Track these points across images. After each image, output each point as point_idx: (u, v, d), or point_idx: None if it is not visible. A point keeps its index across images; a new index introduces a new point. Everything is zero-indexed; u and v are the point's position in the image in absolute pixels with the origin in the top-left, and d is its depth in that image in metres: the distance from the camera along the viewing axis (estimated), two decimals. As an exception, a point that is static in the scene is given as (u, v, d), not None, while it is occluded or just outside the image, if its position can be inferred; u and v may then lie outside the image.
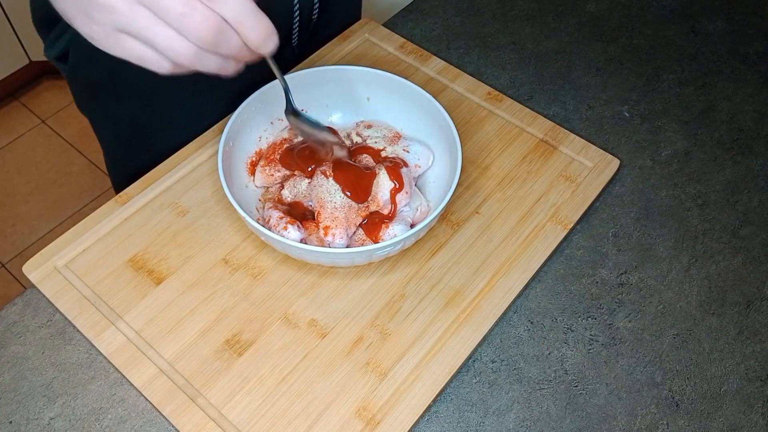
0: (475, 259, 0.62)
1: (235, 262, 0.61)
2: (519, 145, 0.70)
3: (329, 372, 0.55)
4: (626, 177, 0.71)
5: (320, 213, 0.59)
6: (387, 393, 0.54)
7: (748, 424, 0.56)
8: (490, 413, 0.55)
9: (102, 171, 1.82)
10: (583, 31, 0.85)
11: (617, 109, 0.77)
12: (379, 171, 0.61)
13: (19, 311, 0.59)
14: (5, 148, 1.87)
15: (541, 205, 0.66)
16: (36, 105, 1.97)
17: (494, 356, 0.58)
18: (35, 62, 1.91)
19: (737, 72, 0.81)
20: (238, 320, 0.57)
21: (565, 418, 0.56)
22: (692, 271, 0.64)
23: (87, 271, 0.60)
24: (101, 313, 0.57)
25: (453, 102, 0.73)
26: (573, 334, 0.60)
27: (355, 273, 0.61)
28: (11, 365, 0.56)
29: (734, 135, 0.75)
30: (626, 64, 0.81)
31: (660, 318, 0.61)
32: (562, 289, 0.63)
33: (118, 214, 0.63)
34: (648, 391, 0.57)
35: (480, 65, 0.80)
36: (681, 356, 0.59)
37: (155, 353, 0.55)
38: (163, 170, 0.66)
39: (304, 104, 0.68)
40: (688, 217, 0.68)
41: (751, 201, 0.70)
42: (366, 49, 0.78)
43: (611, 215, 0.68)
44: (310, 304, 0.59)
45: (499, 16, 0.86)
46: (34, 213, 1.75)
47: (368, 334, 0.57)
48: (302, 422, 0.53)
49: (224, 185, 0.57)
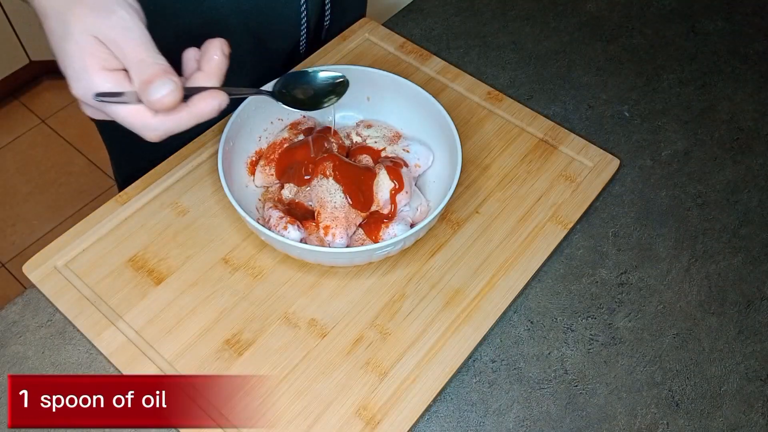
0: (475, 258, 0.62)
1: (235, 262, 0.61)
2: (519, 144, 0.70)
3: (329, 372, 0.55)
4: (626, 177, 0.71)
5: (320, 213, 0.59)
6: (387, 393, 0.54)
7: (748, 423, 0.56)
8: (490, 413, 0.55)
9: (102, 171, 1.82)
10: (583, 30, 0.85)
11: (617, 108, 0.77)
12: (379, 171, 0.61)
13: (19, 311, 0.59)
14: (5, 148, 1.87)
15: (541, 205, 0.66)
16: (36, 105, 1.96)
17: (494, 356, 0.58)
18: (35, 62, 1.91)
19: (737, 72, 0.81)
20: (238, 320, 0.57)
21: (565, 417, 0.56)
22: (692, 271, 0.64)
23: (87, 270, 0.60)
24: (101, 313, 0.57)
25: (453, 102, 0.73)
26: (573, 334, 0.60)
27: (355, 273, 0.61)
28: (11, 365, 0.56)
29: (734, 135, 0.75)
30: (626, 64, 0.81)
31: (660, 318, 0.61)
32: (562, 289, 0.63)
33: (118, 214, 0.63)
34: (648, 391, 0.57)
35: (480, 65, 0.80)
36: (681, 356, 0.59)
37: (155, 353, 0.55)
38: (163, 170, 0.66)
39: (304, 104, 0.68)
40: (688, 217, 0.68)
41: (751, 201, 0.70)
42: (366, 49, 0.78)
43: (611, 215, 0.68)
44: (310, 303, 0.59)
45: (499, 15, 0.86)
46: (34, 213, 1.74)
47: (368, 333, 0.57)
48: (302, 422, 0.53)
49: (224, 185, 0.57)
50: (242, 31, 0.70)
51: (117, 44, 0.44)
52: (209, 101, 0.46)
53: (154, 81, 0.43)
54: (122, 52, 0.44)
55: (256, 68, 0.74)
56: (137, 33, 0.44)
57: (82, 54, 0.43)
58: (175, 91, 0.43)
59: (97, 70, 0.43)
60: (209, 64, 0.47)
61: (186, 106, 0.45)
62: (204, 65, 0.47)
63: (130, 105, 0.44)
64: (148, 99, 0.43)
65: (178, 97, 0.44)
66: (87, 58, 0.43)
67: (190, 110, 0.45)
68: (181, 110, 0.45)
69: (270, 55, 0.75)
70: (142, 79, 0.43)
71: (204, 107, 0.45)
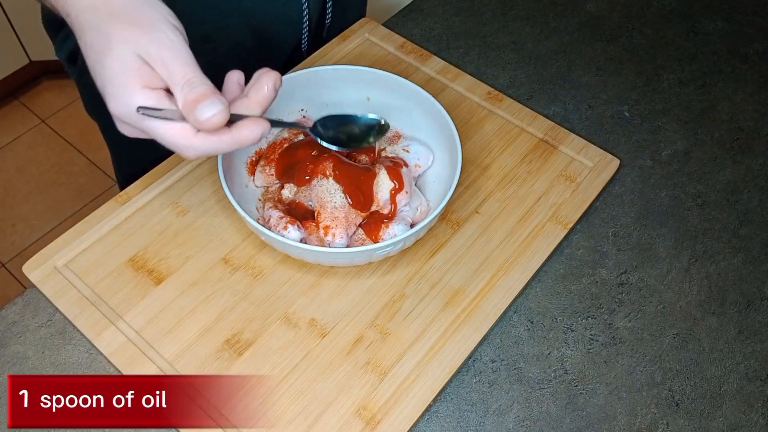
0: (475, 258, 0.62)
1: (235, 262, 0.61)
2: (519, 144, 0.70)
3: (329, 372, 0.55)
4: (626, 177, 0.71)
5: (320, 213, 0.59)
6: (387, 393, 0.54)
7: (748, 423, 0.56)
8: (490, 413, 0.55)
9: (102, 171, 1.82)
10: (583, 30, 0.85)
11: (617, 108, 0.77)
12: (379, 171, 0.61)
13: (19, 311, 0.59)
14: (5, 148, 1.87)
15: (541, 205, 0.66)
16: (36, 105, 1.96)
17: (494, 356, 0.58)
18: (35, 62, 1.91)
19: (737, 72, 0.81)
20: (238, 320, 0.57)
21: (565, 417, 0.56)
22: (692, 271, 0.64)
23: (87, 270, 0.60)
24: (101, 313, 0.57)
25: (453, 102, 0.73)
26: (573, 334, 0.60)
27: (355, 273, 0.61)
28: (11, 365, 0.56)
29: (734, 135, 0.75)
30: (626, 64, 0.81)
31: (660, 318, 0.61)
32: (562, 289, 0.63)
33: (118, 214, 0.63)
34: (648, 391, 0.57)
35: (480, 65, 0.80)
36: (681, 356, 0.59)
37: (155, 353, 0.55)
38: (163, 170, 0.66)
39: (305, 104, 0.68)
40: (688, 217, 0.68)
41: (751, 201, 0.70)
42: (366, 49, 0.78)
43: (611, 215, 0.68)
44: (310, 303, 0.59)
45: (499, 15, 0.86)
46: (34, 213, 1.74)
47: (368, 333, 0.57)
48: (302, 422, 0.53)
49: (224, 185, 0.57)
50: (244, 29, 0.70)
51: (164, 63, 0.43)
52: (253, 128, 0.45)
53: (204, 101, 0.42)
54: (168, 71, 0.43)
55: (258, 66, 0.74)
56: (184, 53, 0.44)
57: (124, 70, 0.43)
58: (224, 111, 0.43)
59: (139, 88, 0.43)
60: (258, 94, 0.47)
61: (229, 130, 0.45)
62: (253, 93, 0.47)
63: (173, 122, 0.44)
64: (197, 118, 0.43)
65: (226, 118, 0.43)
66: (129, 75, 0.43)
67: (233, 135, 0.45)
68: (224, 133, 0.45)
69: (272, 53, 0.76)
70: (190, 98, 0.43)
71: (248, 134, 0.45)
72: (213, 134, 0.44)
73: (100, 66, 0.44)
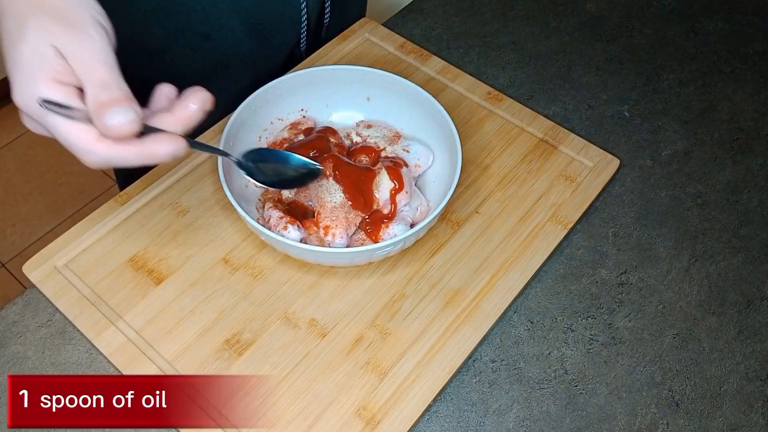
0: (475, 258, 0.62)
1: (235, 262, 0.61)
2: (519, 144, 0.70)
3: (329, 372, 0.55)
4: (626, 177, 0.71)
5: (320, 213, 0.59)
6: (387, 393, 0.54)
7: (748, 423, 0.56)
8: (490, 413, 0.55)
9: (102, 171, 1.82)
10: (583, 30, 0.85)
11: (617, 108, 0.77)
12: (379, 171, 0.61)
13: (19, 311, 0.59)
14: (5, 147, 1.87)
15: (541, 205, 0.66)
16: (36, 105, 1.96)
17: (494, 356, 0.58)
18: (35, 62, 1.91)
19: (737, 72, 0.81)
20: (238, 320, 0.57)
21: (565, 417, 0.56)
22: (692, 271, 0.64)
23: (87, 270, 0.60)
24: (101, 313, 0.57)
25: (453, 102, 0.73)
26: (573, 334, 0.60)
27: (355, 273, 0.61)
28: (11, 365, 0.56)
29: (734, 135, 0.75)
30: (626, 64, 0.81)
31: (660, 318, 0.61)
32: (562, 289, 0.63)
33: (118, 214, 0.63)
34: (648, 391, 0.57)
35: (480, 65, 0.80)
36: (681, 356, 0.59)
37: (155, 353, 0.55)
38: (163, 170, 0.66)
39: (305, 104, 0.68)
40: (688, 217, 0.68)
41: (751, 201, 0.70)
42: (366, 49, 0.78)
43: (611, 215, 0.68)
44: (310, 303, 0.59)
45: (499, 16, 0.86)
46: (34, 213, 1.74)
47: (368, 333, 0.57)
48: (302, 422, 0.53)
49: (224, 185, 0.57)
50: (243, 28, 0.70)
51: (81, 60, 0.41)
52: (166, 145, 0.42)
53: (114, 106, 0.40)
54: (84, 69, 0.41)
55: (257, 66, 0.74)
56: (104, 54, 0.42)
57: (35, 59, 0.41)
58: (135, 121, 0.40)
59: (47, 80, 0.41)
60: (183, 111, 0.44)
61: (139, 142, 0.42)
62: (177, 110, 0.44)
63: (76, 122, 0.41)
64: (104, 123, 0.40)
65: (136, 129, 0.41)
66: (40, 64, 0.41)
67: (142, 148, 0.42)
68: (131, 144, 0.42)
69: (271, 53, 0.76)
70: (101, 101, 0.40)
71: (158, 149, 0.42)
72: (119, 143, 0.42)
73: (13, 52, 0.41)
